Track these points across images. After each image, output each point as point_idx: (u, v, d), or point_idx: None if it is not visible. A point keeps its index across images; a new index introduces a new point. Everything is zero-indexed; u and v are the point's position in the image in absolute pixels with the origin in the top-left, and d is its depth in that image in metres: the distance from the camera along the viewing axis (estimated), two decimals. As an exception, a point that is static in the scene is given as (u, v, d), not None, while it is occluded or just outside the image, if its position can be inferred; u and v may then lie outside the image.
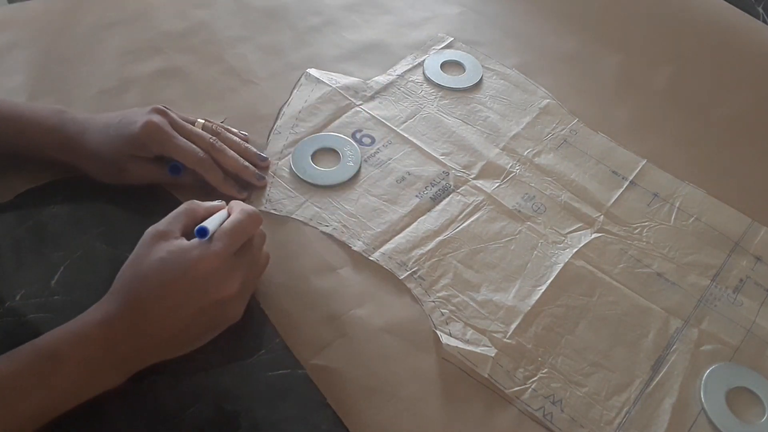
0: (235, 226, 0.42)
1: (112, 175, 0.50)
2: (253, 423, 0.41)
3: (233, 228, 0.42)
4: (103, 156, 0.49)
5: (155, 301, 0.39)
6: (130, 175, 0.50)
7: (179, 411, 0.41)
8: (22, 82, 0.59)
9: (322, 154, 0.56)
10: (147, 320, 0.39)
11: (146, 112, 0.49)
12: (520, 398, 0.43)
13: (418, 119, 0.60)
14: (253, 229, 0.43)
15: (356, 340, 0.44)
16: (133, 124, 0.48)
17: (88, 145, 0.49)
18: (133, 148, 0.49)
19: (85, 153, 0.49)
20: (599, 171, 0.57)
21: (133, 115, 0.49)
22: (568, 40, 0.70)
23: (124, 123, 0.49)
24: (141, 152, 0.49)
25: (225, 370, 0.43)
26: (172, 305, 0.39)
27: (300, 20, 0.69)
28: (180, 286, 0.39)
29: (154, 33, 0.65)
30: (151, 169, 0.50)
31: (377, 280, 0.48)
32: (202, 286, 0.40)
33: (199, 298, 0.40)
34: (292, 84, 0.62)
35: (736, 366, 0.46)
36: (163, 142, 0.48)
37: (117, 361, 0.39)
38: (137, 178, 0.50)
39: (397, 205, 0.53)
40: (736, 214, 0.55)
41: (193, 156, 0.49)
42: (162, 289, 0.39)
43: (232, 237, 0.41)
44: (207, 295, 0.40)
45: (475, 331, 0.46)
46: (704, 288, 0.50)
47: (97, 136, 0.49)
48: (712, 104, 0.65)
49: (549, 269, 0.50)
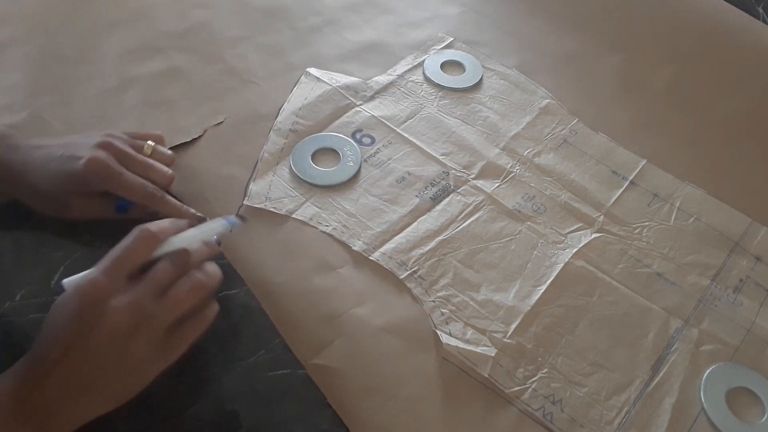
0: (118, 249, 0.38)
1: (55, 211, 0.48)
2: (253, 423, 0.41)
3: (116, 251, 0.38)
4: (44, 191, 0.46)
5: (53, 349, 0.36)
6: (75, 212, 0.47)
7: (179, 411, 0.41)
8: (20, 79, 0.59)
9: (322, 154, 0.56)
10: (51, 367, 0.36)
11: (91, 145, 0.46)
12: (520, 398, 0.43)
13: (418, 119, 0.60)
14: (140, 249, 0.39)
15: (356, 340, 0.44)
16: (77, 161, 0.45)
17: (28, 178, 0.46)
18: (77, 186, 0.46)
19: (25, 186, 0.46)
20: (599, 171, 0.57)
21: (77, 149, 0.46)
22: (568, 40, 0.70)
23: (66, 157, 0.46)
24: (85, 189, 0.46)
25: (225, 370, 0.43)
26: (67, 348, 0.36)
27: (300, 20, 0.69)
28: (70, 332, 0.36)
29: (155, 32, 0.65)
30: (98, 205, 0.48)
31: (377, 279, 0.48)
32: (84, 318, 0.36)
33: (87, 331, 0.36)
34: (292, 84, 0.62)
35: (736, 366, 0.46)
36: (108, 179, 0.45)
37: (23, 417, 0.35)
38: (82, 214, 0.48)
39: (397, 205, 0.53)
40: (736, 214, 0.55)
41: (141, 192, 0.46)
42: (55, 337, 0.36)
43: (114, 259, 0.38)
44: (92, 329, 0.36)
45: (475, 330, 0.46)
46: (704, 288, 0.50)
47: (38, 170, 0.46)
48: (712, 104, 0.65)
49: (549, 269, 0.50)
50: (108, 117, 0.57)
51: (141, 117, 0.57)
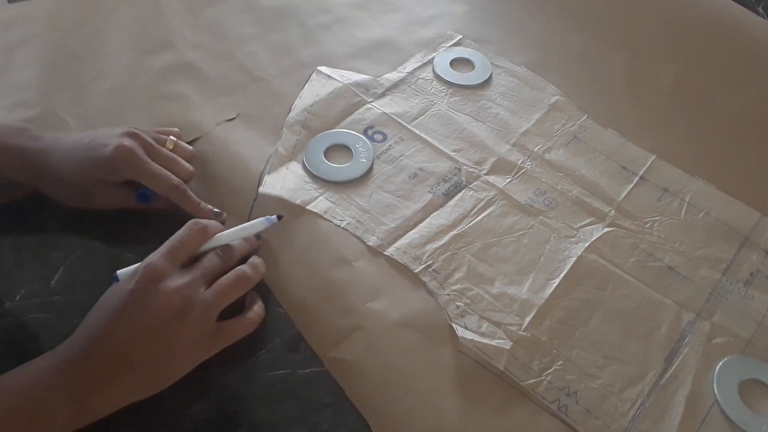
0: (174, 239, 0.42)
1: (77, 200, 0.48)
2: (253, 423, 0.41)
3: (172, 241, 0.42)
4: (68, 179, 0.47)
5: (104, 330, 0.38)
6: (97, 201, 0.48)
7: (179, 411, 0.41)
8: (34, 77, 0.59)
9: (334, 150, 0.56)
10: (98, 349, 0.37)
11: (117, 134, 0.47)
12: (536, 390, 0.43)
13: (429, 116, 0.60)
14: (193, 239, 0.43)
15: (373, 333, 0.45)
16: (104, 147, 0.46)
17: (52, 167, 0.47)
18: (103, 173, 0.46)
19: (49, 175, 0.47)
20: (609, 166, 0.58)
21: (104, 138, 0.47)
22: (576, 38, 0.71)
23: (93, 145, 0.46)
24: (111, 177, 0.47)
25: (225, 370, 0.43)
26: (117, 330, 0.38)
27: (309, 18, 0.70)
28: (123, 308, 0.38)
29: (165, 29, 0.66)
30: (120, 194, 0.48)
31: (392, 273, 0.48)
32: (143, 301, 0.38)
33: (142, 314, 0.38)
34: (302, 81, 0.62)
35: (748, 358, 0.46)
36: (135, 167, 0.46)
37: (67, 393, 0.36)
38: (105, 203, 0.48)
39: (411, 201, 0.53)
40: (746, 209, 0.55)
41: (166, 183, 0.47)
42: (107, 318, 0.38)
43: (170, 247, 0.41)
44: (148, 311, 0.38)
45: (490, 323, 0.46)
46: (715, 281, 0.50)
47: (62, 158, 0.47)
48: (720, 100, 0.65)
49: (562, 263, 0.50)
50: (120, 112, 0.57)
51: (153, 112, 0.57)
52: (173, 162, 0.49)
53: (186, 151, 0.52)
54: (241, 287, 0.43)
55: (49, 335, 0.43)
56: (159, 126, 0.53)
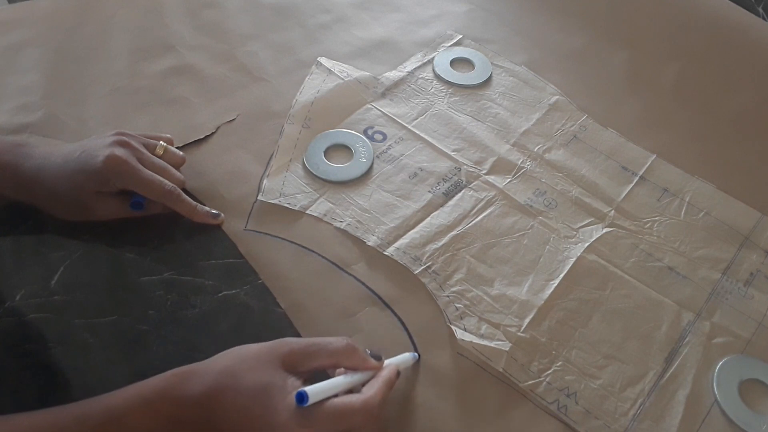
0: (338, 410, 0.36)
1: (73, 214, 0.48)
2: None
3: (333, 411, 0.36)
4: (63, 194, 0.46)
5: (228, 412, 0.36)
6: (95, 213, 0.48)
7: None
8: (35, 80, 0.59)
9: (334, 150, 0.56)
10: (216, 418, 0.36)
11: (107, 143, 0.46)
12: (535, 391, 0.43)
13: (429, 116, 0.60)
14: (358, 420, 0.36)
15: (372, 336, 0.45)
16: (95, 159, 0.45)
17: (46, 183, 0.46)
18: (96, 184, 0.46)
19: (44, 192, 0.46)
20: (609, 166, 0.58)
21: (94, 149, 0.46)
22: (576, 37, 0.71)
23: (84, 157, 0.46)
24: (104, 188, 0.46)
25: None
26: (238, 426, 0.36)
27: (310, 18, 0.70)
28: (252, 423, 0.36)
29: (166, 31, 0.66)
30: (116, 204, 0.48)
31: (392, 275, 0.48)
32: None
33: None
34: (303, 81, 0.62)
35: (748, 358, 0.46)
36: (127, 176, 0.46)
37: (158, 413, 0.36)
38: (103, 214, 0.48)
39: (410, 201, 0.53)
40: (746, 209, 0.55)
41: (159, 189, 0.47)
42: (238, 412, 0.36)
43: (327, 421, 0.35)
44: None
45: (490, 325, 0.46)
46: (715, 281, 0.50)
47: (55, 174, 0.46)
48: (720, 99, 0.65)
49: (561, 263, 0.50)
50: (121, 115, 0.57)
51: (154, 114, 0.58)
52: (163, 170, 0.48)
53: (176, 157, 0.51)
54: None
55: (49, 335, 0.43)
56: (159, 129, 0.54)
